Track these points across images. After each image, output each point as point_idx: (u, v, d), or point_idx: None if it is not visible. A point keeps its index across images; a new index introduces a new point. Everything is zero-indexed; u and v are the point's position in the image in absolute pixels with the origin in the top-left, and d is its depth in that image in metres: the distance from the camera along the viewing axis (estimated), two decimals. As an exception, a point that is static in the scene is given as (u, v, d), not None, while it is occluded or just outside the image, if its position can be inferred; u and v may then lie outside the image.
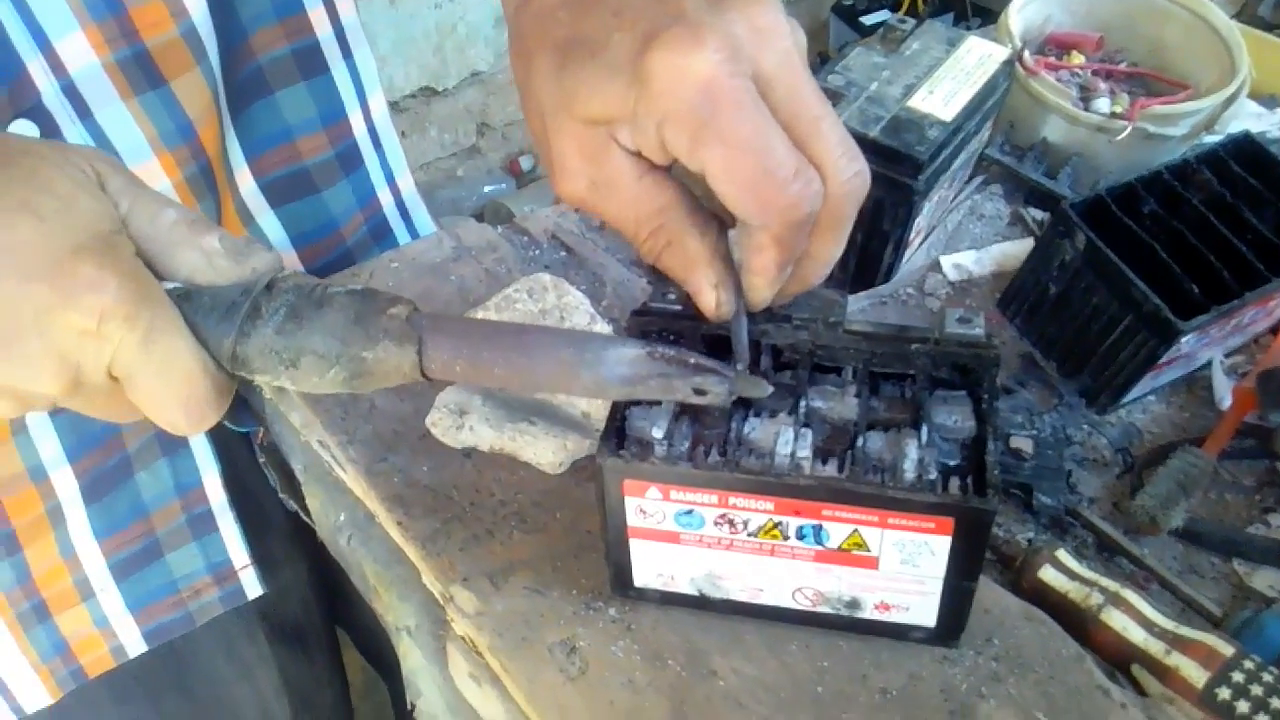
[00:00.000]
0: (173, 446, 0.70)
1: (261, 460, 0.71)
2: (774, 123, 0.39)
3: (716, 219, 0.44)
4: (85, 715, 0.78)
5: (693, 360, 0.43)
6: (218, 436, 0.72)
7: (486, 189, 2.41)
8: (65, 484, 0.66)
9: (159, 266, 0.42)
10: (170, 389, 0.40)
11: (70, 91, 0.55)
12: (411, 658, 0.61)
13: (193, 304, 0.42)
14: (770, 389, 0.44)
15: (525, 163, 2.49)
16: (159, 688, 0.80)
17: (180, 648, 0.77)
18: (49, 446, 0.64)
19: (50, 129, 0.55)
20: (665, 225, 0.43)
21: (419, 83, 2.26)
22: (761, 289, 0.44)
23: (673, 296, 0.49)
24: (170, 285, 0.42)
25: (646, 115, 0.39)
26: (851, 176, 0.41)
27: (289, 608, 0.85)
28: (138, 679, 0.77)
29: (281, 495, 0.71)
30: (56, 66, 0.54)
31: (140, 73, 0.56)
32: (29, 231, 0.38)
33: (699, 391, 0.42)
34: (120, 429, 0.66)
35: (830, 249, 0.44)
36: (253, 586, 0.77)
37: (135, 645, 0.74)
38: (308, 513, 0.69)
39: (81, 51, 0.54)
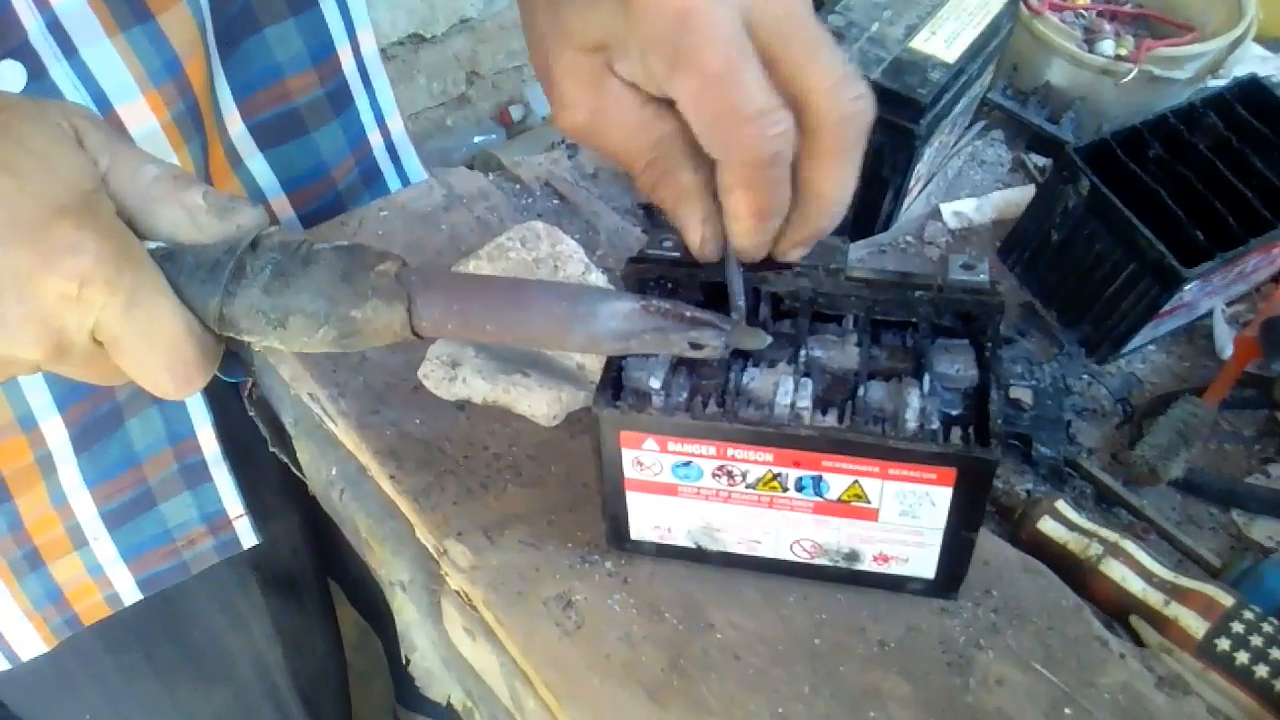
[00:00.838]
0: None
1: (251, 413, 0.70)
2: (752, 56, 0.37)
3: None
4: (79, 664, 0.78)
5: (688, 313, 0.42)
6: (210, 387, 0.70)
7: (476, 139, 2.37)
8: (55, 432, 0.65)
9: (141, 225, 0.41)
10: (155, 353, 0.40)
11: (55, 27, 0.53)
12: (406, 613, 0.61)
13: (176, 264, 0.41)
14: (768, 340, 0.43)
15: (516, 112, 2.45)
16: (152, 637, 0.80)
17: (173, 597, 0.76)
18: (38, 395, 0.63)
19: (36, 69, 0.53)
20: (660, 157, 0.41)
21: (407, 29, 2.20)
22: (740, 235, 0.42)
23: (670, 244, 0.47)
24: (153, 245, 0.41)
25: (632, 42, 0.38)
26: (851, 100, 0.39)
27: (281, 558, 0.85)
28: (131, 628, 0.77)
29: (272, 448, 0.70)
30: (40, 1, 0.52)
31: (126, 6, 0.54)
32: (5, 191, 0.36)
33: (695, 345, 0.41)
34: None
35: (833, 183, 0.41)
36: (247, 536, 0.77)
37: (130, 594, 0.74)
38: (299, 466, 0.68)
39: None
